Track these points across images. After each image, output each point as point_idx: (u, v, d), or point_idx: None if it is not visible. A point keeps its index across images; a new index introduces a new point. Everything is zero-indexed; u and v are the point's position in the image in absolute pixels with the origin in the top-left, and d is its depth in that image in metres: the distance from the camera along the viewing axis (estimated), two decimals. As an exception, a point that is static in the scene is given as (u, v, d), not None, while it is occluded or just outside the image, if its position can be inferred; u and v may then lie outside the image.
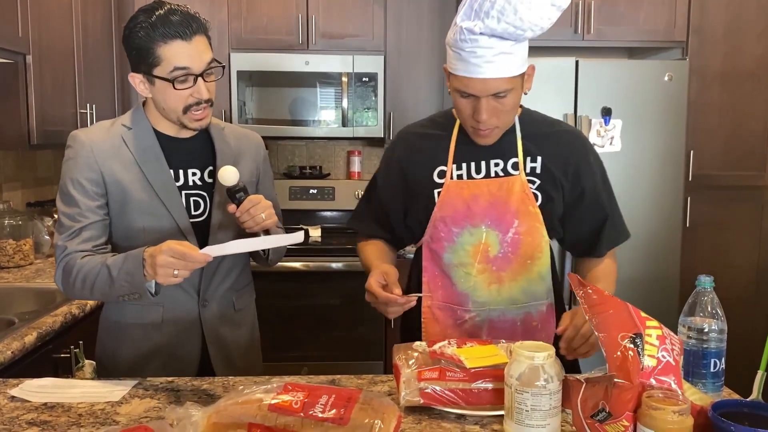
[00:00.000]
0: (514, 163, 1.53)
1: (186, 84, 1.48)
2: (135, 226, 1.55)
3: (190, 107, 1.50)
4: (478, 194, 1.51)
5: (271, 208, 1.50)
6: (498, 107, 1.43)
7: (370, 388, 1.36)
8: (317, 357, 3.26)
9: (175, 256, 1.30)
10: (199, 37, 1.48)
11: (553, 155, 1.54)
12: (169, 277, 1.32)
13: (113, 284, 1.42)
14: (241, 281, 1.71)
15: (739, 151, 3.35)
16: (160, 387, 1.37)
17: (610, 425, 1.03)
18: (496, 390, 1.19)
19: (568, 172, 1.55)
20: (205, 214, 1.60)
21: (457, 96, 1.45)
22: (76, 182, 1.52)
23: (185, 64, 1.46)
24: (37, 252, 2.81)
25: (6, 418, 1.22)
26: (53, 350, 1.93)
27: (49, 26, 2.55)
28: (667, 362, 1.04)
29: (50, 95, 2.56)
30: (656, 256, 3.14)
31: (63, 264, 1.50)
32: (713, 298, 1.23)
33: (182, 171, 1.59)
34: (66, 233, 1.51)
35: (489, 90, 1.40)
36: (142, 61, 1.48)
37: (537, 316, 1.57)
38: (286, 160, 3.92)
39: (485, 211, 1.51)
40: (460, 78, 1.41)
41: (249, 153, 1.70)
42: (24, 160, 3.03)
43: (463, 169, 1.54)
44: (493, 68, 1.38)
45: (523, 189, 1.51)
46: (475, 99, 1.42)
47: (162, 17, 1.44)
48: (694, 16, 3.27)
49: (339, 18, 3.44)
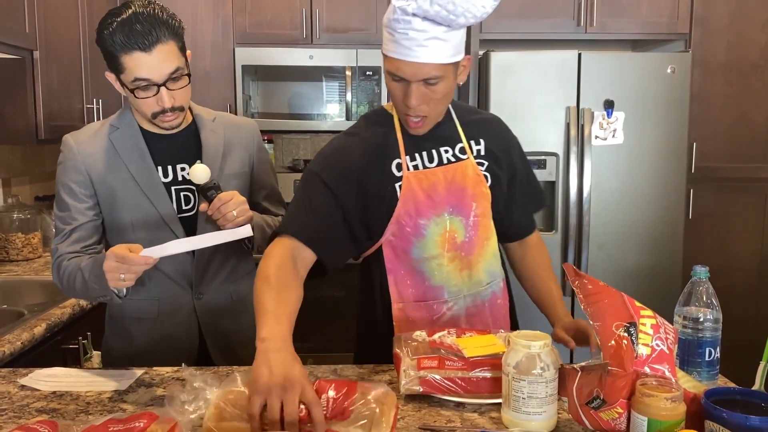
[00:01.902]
0: (461, 147, 1.54)
1: (149, 92, 1.46)
2: (124, 222, 1.58)
3: (157, 114, 1.50)
4: (436, 182, 1.50)
5: (244, 204, 1.49)
6: (428, 94, 1.39)
7: (371, 377, 1.38)
8: (322, 348, 3.29)
9: (117, 261, 1.31)
10: (162, 46, 1.42)
11: (490, 137, 1.57)
12: (118, 281, 1.33)
13: (87, 287, 1.46)
14: (239, 271, 1.72)
15: (742, 142, 3.35)
16: (166, 376, 1.40)
17: (604, 412, 1.05)
18: (494, 378, 1.22)
19: (505, 153, 1.58)
20: (196, 208, 1.61)
21: (389, 79, 1.42)
22: (65, 186, 1.57)
23: (145, 76, 1.43)
24: (45, 245, 2.85)
25: (16, 406, 1.25)
26: (62, 341, 1.97)
27: (55, 22, 2.57)
28: (661, 351, 1.06)
29: (57, 90, 2.59)
30: (659, 247, 3.15)
31: (56, 265, 1.55)
32: (708, 288, 1.25)
33: (170, 167, 1.60)
34: (59, 236, 1.57)
35: (419, 75, 1.36)
36: (110, 65, 1.47)
37: (499, 293, 1.58)
38: (291, 154, 3.94)
39: (445, 199, 1.50)
40: (392, 60, 1.37)
41: (240, 143, 1.69)
42: (32, 154, 3.07)
43: (417, 160, 1.51)
44: (424, 52, 1.33)
45: (476, 171, 1.52)
46: (406, 83, 1.38)
47: (123, 24, 1.40)
48: (697, 8, 3.27)
49: (343, 12, 3.46)
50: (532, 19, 3.31)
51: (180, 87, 1.49)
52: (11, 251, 2.68)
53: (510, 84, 3.05)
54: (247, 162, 1.70)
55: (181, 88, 1.49)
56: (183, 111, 1.54)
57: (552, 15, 3.32)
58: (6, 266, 2.60)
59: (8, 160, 2.89)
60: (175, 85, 1.48)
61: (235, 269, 1.71)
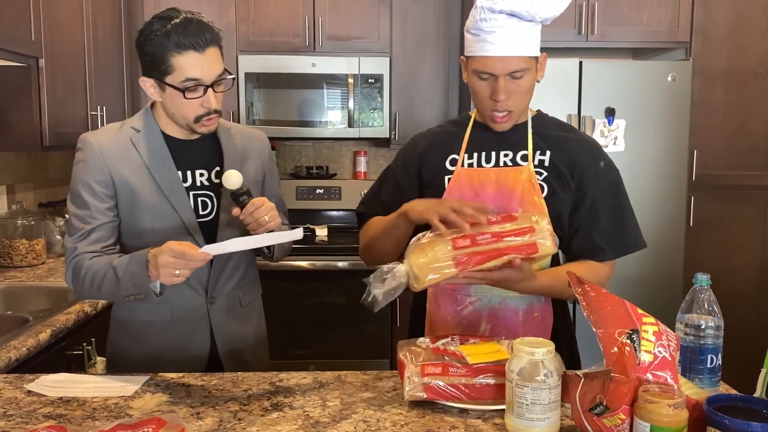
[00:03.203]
0: (524, 155, 1.57)
1: (196, 93, 1.51)
2: (143, 226, 1.58)
3: (200, 117, 1.54)
4: (487, 182, 1.55)
5: (274, 210, 1.52)
6: (514, 88, 1.49)
7: (375, 383, 1.39)
8: (324, 355, 3.30)
9: (175, 256, 1.32)
10: (212, 48, 1.50)
11: (561, 153, 1.57)
12: (172, 277, 1.35)
13: (119, 285, 1.45)
14: (247, 277, 1.74)
15: (743, 150, 3.36)
16: (171, 382, 1.41)
17: (607, 418, 1.06)
18: (497, 385, 1.23)
19: (574, 173, 1.56)
20: (213, 213, 1.64)
21: (476, 79, 1.51)
22: (86, 185, 1.56)
23: (197, 75, 1.49)
24: (49, 252, 2.86)
25: (23, 411, 1.26)
26: (66, 347, 1.98)
27: (60, 30, 2.59)
28: (663, 357, 1.06)
29: (62, 97, 2.61)
30: (660, 254, 3.16)
31: (72, 265, 1.54)
32: (710, 296, 1.26)
33: (190, 172, 1.63)
34: (76, 234, 1.55)
35: (508, 68, 1.47)
36: (154, 68, 1.51)
37: (538, 306, 1.57)
38: (293, 161, 3.96)
39: (492, 198, 1.53)
40: (479, 59, 1.48)
41: (255, 153, 1.73)
42: (36, 161, 3.09)
43: (474, 158, 1.59)
44: (511, 45, 1.46)
45: (530, 179, 1.54)
46: (494, 79, 1.48)
47: (177, 27, 1.47)
48: (697, 17, 3.29)
49: (345, 20, 3.48)
50: (534, 28, 3.32)
51: (223, 90, 1.56)
52: (15, 257, 2.69)
53: (511, 92, 3.06)
54: (261, 172, 1.74)
55: (223, 91, 1.56)
56: (220, 116, 1.60)
57: (553, 23, 3.29)
58: (10, 272, 2.61)
59: (12, 166, 2.91)
60: (219, 88, 1.54)
61: (245, 276, 1.73)
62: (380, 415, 1.23)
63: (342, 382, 1.40)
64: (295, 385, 1.38)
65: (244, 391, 1.35)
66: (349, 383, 1.39)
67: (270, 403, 1.30)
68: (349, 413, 1.24)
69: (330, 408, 1.27)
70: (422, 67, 3.56)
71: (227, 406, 1.28)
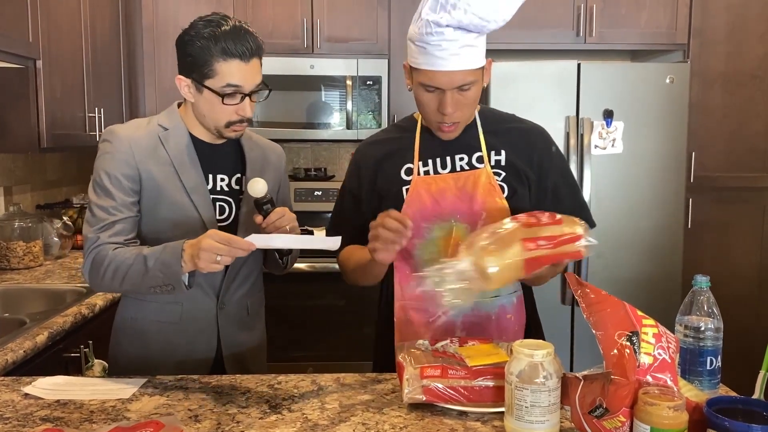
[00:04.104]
0: (479, 156, 1.55)
1: (233, 100, 1.52)
2: (164, 223, 1.59)
3: (232, 123, 1.56)
4: (445, 188, 1.53)
5: (295, 220, 1.54)
6: (461, 100, 1.46)
7: (374, 386, 1.39)
8: (322, 357, 3.29)
9: (220, 241, 1.33)
10: (255, 59, 1.53)
11: (516, 148, 1.57)
12: (211, 263, 1.35)
13: (147, 274, 1.45)
14: (256, 286, 1.75)
15: (741, 152, 3.37)
16: (169, 385, 1.40)
17: (607, 421, 1.05)
18: (497, 387, 1.22)
19: (532, 166, 1.57)
20: (230, 219, 1.64)
21: (422, 91, 1.47)
22: (113, 177, 1.55)
23: (238, 83, 1.51)
24: (47, 254, 2.85)
25: (20, 414, 1.26)
26: (64, 350, 1.97)
27: (58, 32, 2.59)
28: (663, 360, 1.06)
29: (60, 99, 2.60)
30: (658, 257, 3.16)
31: (93, 254, 1.52)
32: (709, 298, 1.25)
33: (211, 176, 1.64)
34: (98, 225, 1.53)
35: (454, 82, 1.42)
36: (195, 69, 1.51)
37: (510, 308, 1.56)
38: (292, 162, 3.96)
39: (453, 205, 1.52)
40: (425, 72, 1.43)
41: (273, 163, 1.75)
42: (34, 163, 3.08)
43: (429, 165, 1.56)
44: (458, 60, 1.40)
45: (489, 181, 1.52)
46: (440, 92, 1.44)
47: (227, 34, 1.48)
48: (695, 19, 3.30)
49: (343, 22, 3.48)
50: (532, 30, 3.33)
51: (259, 100, 1.59)
52: (12, 259, 2.68)
53: (510, 93, 3.07)
54: (277, 182, 1.75)
55: (259, 101, 1.59)
56: (249, 124, 1.62)
57: (552, 26, 3.34)
58: (7, 274, 2.60)
59: (10, 168, 2.90)
60: (256, 98, 1.57)
61: (254, 285, 1.74)
62: (379, 418, 1.23)
63: (341, 385, 1.40)
64: (293, 388, 1.38)
65: (243, 394, 1.35)
66: (347, 386, 1.39)
67: (268, 405, 1.29)
68: (348, 416, 1.24)
69: (329, 411, 1.26)
70: (420, 69, 3.55)
71: (225, 408, 1.28)
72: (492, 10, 1.35)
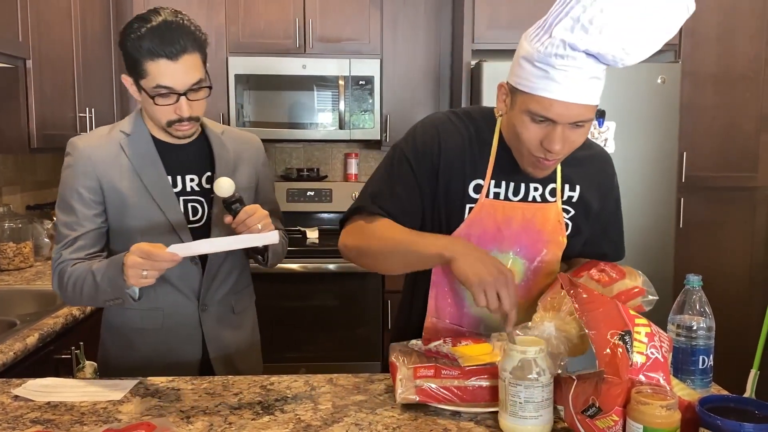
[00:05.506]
0: (552, 189, 1.43)
1: (168, 100, 1.47)
2: (133, 231, 1.56)
3: (172, 122, 1.51)
4: (512, 216, 1.40)
5: (267, 218, 1.49)
6: (571, 137, 1.27)
7: (367, 386, 1.38)
8: (315, 358, 3.29)
9: (142, 256, 1.30)
10: (188, 55, 1.44)
11: (588, 182, 1.46)
12: (139, 278, 1.32)
13: (98, 289, 1.44)
14: (240, 284, 1.72)
15: (732, 152, 3.38)
16: (161, 387, 1.39)
17: (600, 420, 1.05)
18: (490, 387, 1.22)
19: (598, 196, 1.49)
20: (203, 219, 1.62)
21: (527, 119, 1.27)
22: (74, 191, 1.54)
23: (168, 84, 1.45)
24: (37, 255, 2.83)
25: (10, 416, 1.25)
26: (54, 351, 1.96)
27: (48, 31, 2.57)
28: (655, 359, 1.06)
29: (50, 99, 2.59)
30: (650, 256, 3.17)
31: (57, 272, 1.53)
32: (701, 297, 1.26)
33: (180, 177, 1.60)
34: (61, 242, 1.54)
35: (571, 117, 1.24)
36: (131, 69, 1.48)
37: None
38: (284, 163, 3.95)
39: (516, 237, 1.41)
40: (540, 99, 1.23)
41: (248, 158, 1.70)
42: (24, 163, 3.06)
43: (501, 188, 1.41)
44: (581, 92, 1.22)
45: (558, 218, 1.43)
46: (550, 125, 1.25)
47: (153, 31, 1.42)
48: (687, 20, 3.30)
49: (336, 22, 3.47)
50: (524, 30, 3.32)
51: (199, 98, 1.51)
52: (2, 261, 2.66)
53: (502, 94, 3.06)
54: (254, 177, 1.71)
55: (200, 99, 1.51)
56: (198, 122, 1.56)
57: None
58: (-3, 276, 2.58)
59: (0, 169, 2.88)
60: (195, 95, 1.49)
61: (237, 283, 1.71)
62: (372, 418, 1.22)
63: (334, 385, 1.39)
64: (286, 389, 1.37)
65: (235, 395, 1.34)
66: (340, 386, 1.39)
67: (261, 406, 1.29)
68: (341, 416, 1.23)
69: (322, 411, 1.26)
70: (413, 69, 3.56)
71: (218, 410, 1.27)
72: (638, 43, 1.19)
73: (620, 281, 1.33)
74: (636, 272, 1.35)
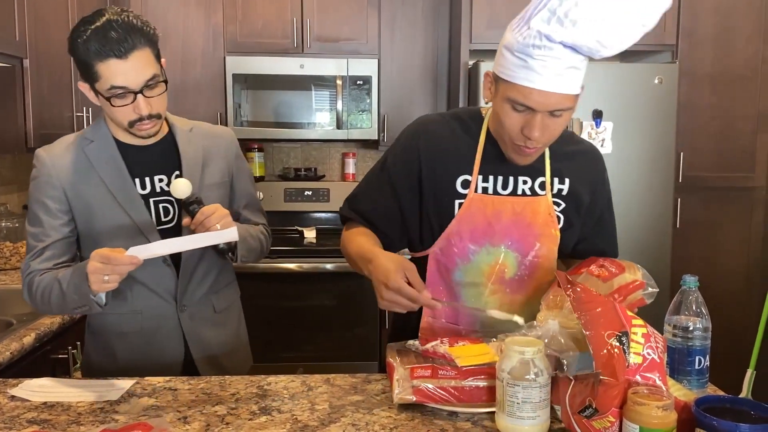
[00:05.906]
0: (542, 182, 1.46)
1: (125, 100, 1.44)
2: (101, 237, 1.55)
3: (134, 122, 1.48)
4: (502, 211, 1.43)
5: (228, 217, 1.46)
6: (550, 125, 1.32)
7: (364, 386, 1.38)
8: (312, 357, 3.28)
9: (102, 261, 1.30)
10: (137, 52, 1.41)
11: (578, 176, 1.49)
12: (102, 284, 1.32)
13: (65, 297, 1.43)
14: (220, 282, 1.71)
15: (729, 152, 3.39)
16: (157, 387, 1.39)
17: (596, 421, 1.06)
18: (487, 387, 1.22)
19: (588, 192, 1.51)
20: (175, 219, 1.60)
21: (508, 107, 1.32)
22: (39, 202, 1.54)
23: (121, 83, 1.42)
24: (34, 254, 2.82)
25: (7, 417, 1.24)
26: (51, 351, 1.96)
27: (45, 30, 2.57)
28: (652, 360, 1.07)
29: (47, 98, 2.58)
30: (647, 256, 3.17)
31: (26, 282, 1.53)
32: (698, 297, 1.26)
33: (148, 178, 1.58)
34: (30, 253, 1.54)
35: (549, 105, 1.28)
36: (84, 74, 1.45)
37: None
38: (282, 162, 3.95)
39: (507, 231, 1.43)
40: (519, 87, 1.28)
41: (219, 153, 1.67)
42: (20, 162, 3.05)
43: (489, 182, 1.44)
44: (559, 82, 1.26)
45: (548, 211, 1.45)
46: (530, 113, 1.30)
47: (97, 32, 1.38)
48: (684, 20, 3.31)
49: (333, 22, 3.47)
50: (522, 30, 3.32)
51: (157, 94, 1.47)
52: (-1, 260, 2.65)
53: (500, 94, 3.06)
54: (227, 172, 1.68)
55: (157, 95, 1.47)
56: (160, 119, 1.52)
57: (541, 26, 3.34)
58: (-6, 275, 2.58)
59: (-4, 168, 2.88)
60: (152, 92, 1.46)
61: (217, 280, 1.69)
62: (369, 419, 1.22)
63: (331, 385, 1.39)
64: (283, 389, 1.37)
65: (232, 395, 1.34)
66: (337, 386, 1.39)
67: (258, 407, 1.29)
68: (338, 416, 1.24)
69: (318, 411, 1.26)
70: (411, 68, 3.56)
71: (215, 410, 1.27)
72: (614, 35, 1.22)
73: (620, 275, 1.34)
74: (635, 266, 1.36)
